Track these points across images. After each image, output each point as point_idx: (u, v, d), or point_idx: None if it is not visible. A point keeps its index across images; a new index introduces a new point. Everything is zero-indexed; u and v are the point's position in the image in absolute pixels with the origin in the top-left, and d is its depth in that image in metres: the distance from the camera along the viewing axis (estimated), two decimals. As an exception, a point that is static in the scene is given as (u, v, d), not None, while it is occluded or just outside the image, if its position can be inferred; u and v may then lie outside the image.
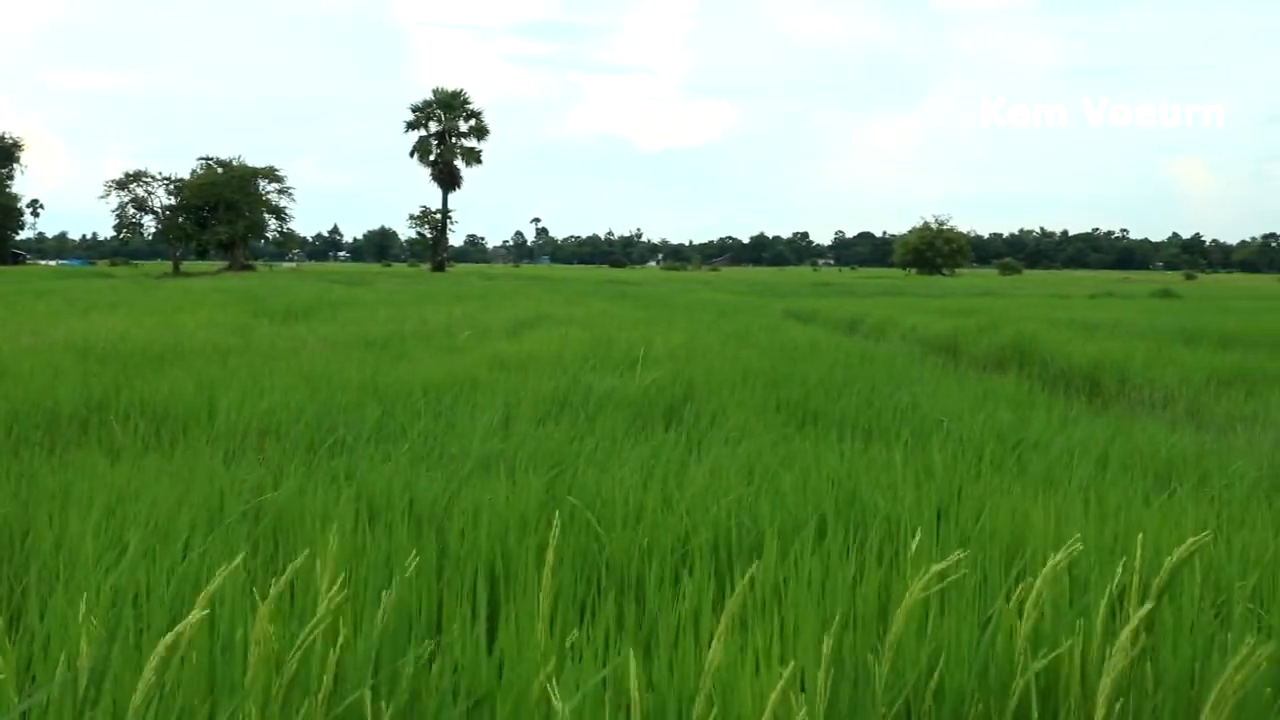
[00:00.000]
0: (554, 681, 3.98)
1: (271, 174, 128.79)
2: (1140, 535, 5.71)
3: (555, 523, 4.52)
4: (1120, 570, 4.40)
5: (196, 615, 3.55)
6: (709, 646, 4.12)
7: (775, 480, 8.09)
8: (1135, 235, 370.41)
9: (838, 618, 4.46)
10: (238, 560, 4.01)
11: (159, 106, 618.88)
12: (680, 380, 13.90)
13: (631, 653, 3.71)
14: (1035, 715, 4.07)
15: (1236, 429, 13.44)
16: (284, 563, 6.00)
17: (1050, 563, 3.98)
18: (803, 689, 3.99)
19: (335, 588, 3.96)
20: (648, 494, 7.44)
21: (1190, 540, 4.11)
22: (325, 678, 3.99)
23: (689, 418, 11.61)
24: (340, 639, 4.09)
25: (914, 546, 5.02)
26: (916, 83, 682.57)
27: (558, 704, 3.67)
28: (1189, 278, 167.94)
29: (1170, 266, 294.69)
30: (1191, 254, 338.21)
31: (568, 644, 4.52)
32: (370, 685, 4.05)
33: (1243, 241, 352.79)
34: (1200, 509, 7.61)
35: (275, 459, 9.07)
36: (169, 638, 3.44)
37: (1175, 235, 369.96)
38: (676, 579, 5.81)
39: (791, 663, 3.61)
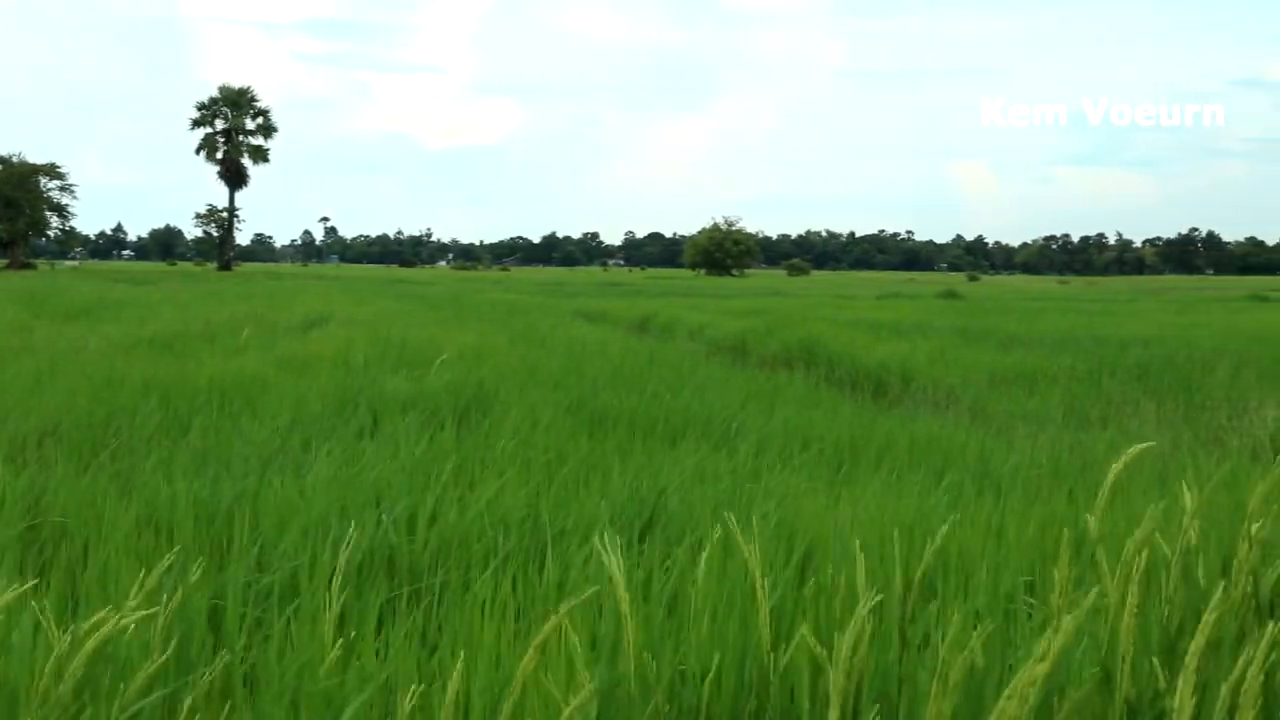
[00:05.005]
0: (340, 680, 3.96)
1: (53, 171, 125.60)
2: (917, 528, 5.84)
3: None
4: (883, 562, 4.49)
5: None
6: (496, 648, 4.14)
7: (561, 482, 8.12)
8: (920, 237, 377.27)
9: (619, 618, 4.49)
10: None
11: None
12: (470, 380, 13.86)
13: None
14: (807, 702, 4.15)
15: (1017, 426, 13.79)
16: (62, 570, 5.89)
17: (752, 547, 4.05)
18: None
19: (132, 595, 3.91)
20: (435, 495, 7.41)
21: (973, 537, 4.23)
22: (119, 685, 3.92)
23: (477, 418, 11.59)
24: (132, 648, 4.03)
25: (708, 546, 5.07)
26: (706, 85, 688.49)
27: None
28: (972, 279, 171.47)
29: (954, 268, 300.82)
30: (975, 256, 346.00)
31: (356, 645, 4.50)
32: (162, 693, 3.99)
33: (1024, 243, 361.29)
34: (981, 503, 7.79)
35: (55, 461, 8.86)
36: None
37: (959, 237, 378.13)
38: (468, 584, 5.80)
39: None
